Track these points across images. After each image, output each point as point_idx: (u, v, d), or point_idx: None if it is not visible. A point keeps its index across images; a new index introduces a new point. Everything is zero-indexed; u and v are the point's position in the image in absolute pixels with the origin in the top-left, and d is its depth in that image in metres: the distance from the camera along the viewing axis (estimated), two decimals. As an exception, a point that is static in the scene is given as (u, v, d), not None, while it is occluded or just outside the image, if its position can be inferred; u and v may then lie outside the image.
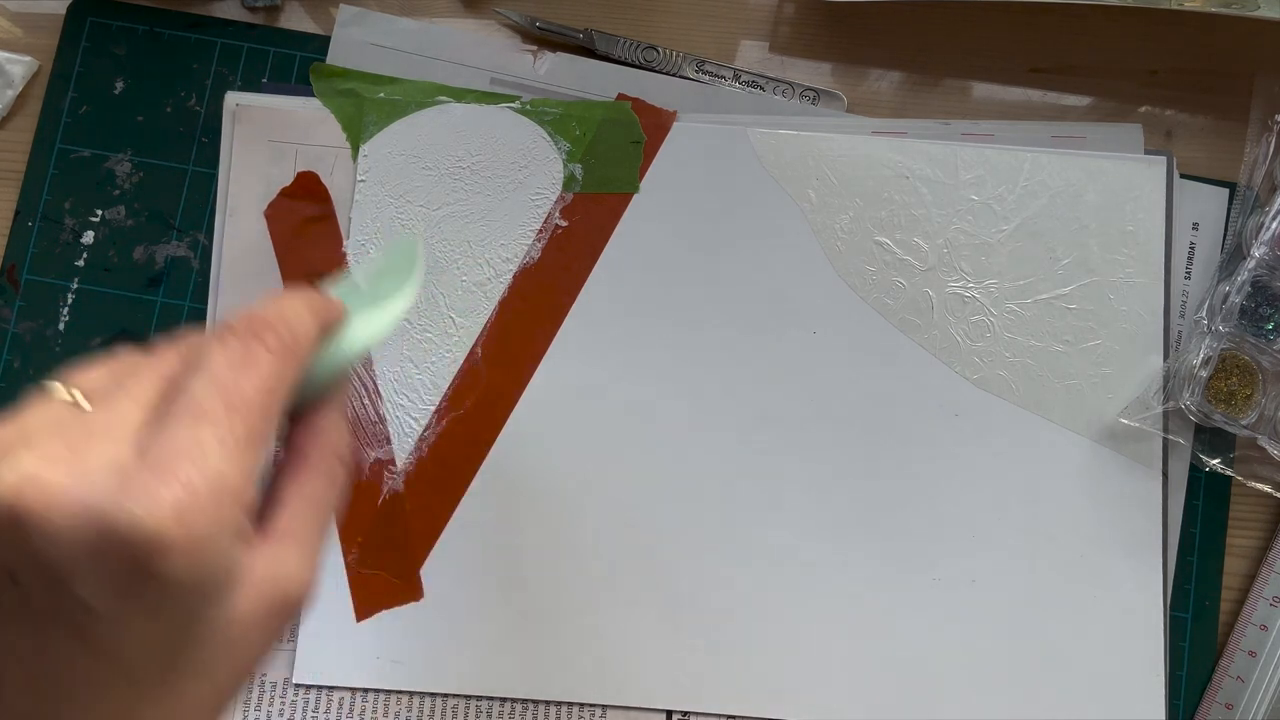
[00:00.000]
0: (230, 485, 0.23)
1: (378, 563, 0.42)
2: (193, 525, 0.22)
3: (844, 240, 0.44)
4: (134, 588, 0.22)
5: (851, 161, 0.44)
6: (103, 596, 0.22)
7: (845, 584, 0.43)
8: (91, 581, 0.22)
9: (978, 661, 0.42)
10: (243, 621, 0.24)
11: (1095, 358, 0.44)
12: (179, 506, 0.22)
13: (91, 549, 0.22)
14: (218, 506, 0.23)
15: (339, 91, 0.45)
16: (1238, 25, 0.47)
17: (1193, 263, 0.46)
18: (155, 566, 0.22)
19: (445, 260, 0.44)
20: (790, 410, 0.43)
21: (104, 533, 0.22)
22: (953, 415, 0.43)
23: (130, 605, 0.22)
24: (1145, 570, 0.43)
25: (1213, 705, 0.44)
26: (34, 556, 0.22)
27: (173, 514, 0.22)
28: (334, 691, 0.42)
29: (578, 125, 0.44)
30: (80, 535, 0.22)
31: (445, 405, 0.43)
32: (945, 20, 0.47)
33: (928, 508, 0.43)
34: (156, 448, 0.23)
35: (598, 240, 0.44)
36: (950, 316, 0.44)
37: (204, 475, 0.23)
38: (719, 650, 0.42)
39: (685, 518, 0.43)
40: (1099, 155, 0.45)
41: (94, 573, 0.22)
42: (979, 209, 0.44)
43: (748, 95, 0.46)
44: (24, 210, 0.45)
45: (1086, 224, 0.44)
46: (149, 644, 0.23)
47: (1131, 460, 0.43)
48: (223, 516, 0.23)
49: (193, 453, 0.23)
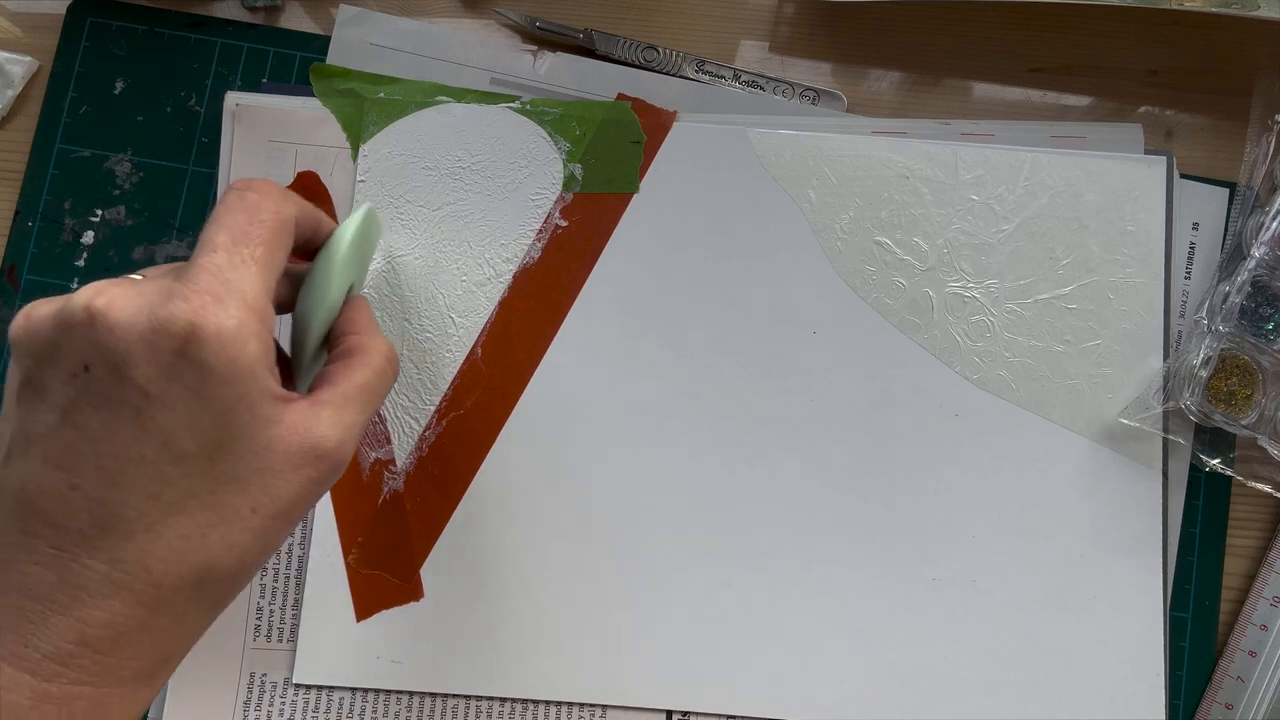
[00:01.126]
0: (246, 294, 0.29)
1: (378, 563, 0.42)
2: (219, 319, 0.28)
3: (844, 240, 0.44)
4: (177, 370, 0.28)
5: (851, 161, 0.44)
6: (154, 379, 0.28)
7: (845, 584, 0.43)
8: (144, 365, 0.28)
9: (977, 661, 0.42)
10: (275, 453, 0.29)
11: (1095, 358, 0.44)
12: (206, 304, 0.28)
13: (143, 338, 0.27)
14: (239, 307, 0.28)
15: (339, 91, 0.45)
16: (1238, 25, 0.47)
17: (1193, 263, 0.46)
18: (192, 351, 0.28)
19: (445, 260, 0.44)
20: (790, 410, 0.43)
21: (152, 323, 0.28)
22: (953, 415, 0.43)
23: (175, 388, 0.28)
24: (1145, 570, 0.43)
25: (1213, 705, 0.44)
26: (101, 347, 0.28)
27: (201, 308, 0.28)
28: (334, 691, 0.42)
29: (578, 125, 0.44)
30: (134, 327, 0.28)
31: (445, 405, 0.43)
32: (945, 20, 0.47)
33: (927, 508, 0.43)
34: (185, 273, 0.29)
35: (598, 240, 0.44)
36: (950, 316, 0.44)
37: (224, 285, 0.29)
38: (719, 650, 0.42)
39: (685, 517, 0.43)
40: (1099, 155, 0.45)
41: (146, 357, 0.27)
42: (979, 209, 0.44)
43: (748, 95, 0.46)
44: (24, 210, 0.45)
45: (1086, 224, 0.44)
46: (193, 429, 0.28)
47: (1131, 460, 0.43)
48: (243, 317, 0.28)
49: (212, 270, 0.29)
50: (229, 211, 0.31)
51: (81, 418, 0.28)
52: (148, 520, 0.28)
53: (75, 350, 0.28)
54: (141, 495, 0.28)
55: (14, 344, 0.29)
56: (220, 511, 0.29)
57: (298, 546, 0.43)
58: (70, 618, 0.28)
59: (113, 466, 0.28)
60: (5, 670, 0.27)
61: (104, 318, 0.28)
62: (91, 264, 0.45)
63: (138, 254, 0.45)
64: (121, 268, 0.45)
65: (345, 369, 0.33)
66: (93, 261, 0.45)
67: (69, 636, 0.28)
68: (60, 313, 0.29)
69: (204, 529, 0.29)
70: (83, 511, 0.28)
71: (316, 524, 0.42)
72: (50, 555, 0.28)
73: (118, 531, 0.28)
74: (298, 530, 0.43)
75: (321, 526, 0.42)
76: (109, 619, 0.28)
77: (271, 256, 0.31)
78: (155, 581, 0.28)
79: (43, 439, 0.28)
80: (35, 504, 0.28)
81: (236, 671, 0.42)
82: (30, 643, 0.28)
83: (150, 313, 0.28)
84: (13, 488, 0.28)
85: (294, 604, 0.42)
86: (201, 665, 0.42)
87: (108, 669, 0.28)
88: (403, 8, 0.47)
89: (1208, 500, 0.45)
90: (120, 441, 0.28)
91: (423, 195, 0.44)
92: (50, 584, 0.28)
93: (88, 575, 0.28)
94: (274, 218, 0.31)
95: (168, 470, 0.28)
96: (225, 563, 0.29)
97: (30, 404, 0.29)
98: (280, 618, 0.42)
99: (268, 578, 0.43)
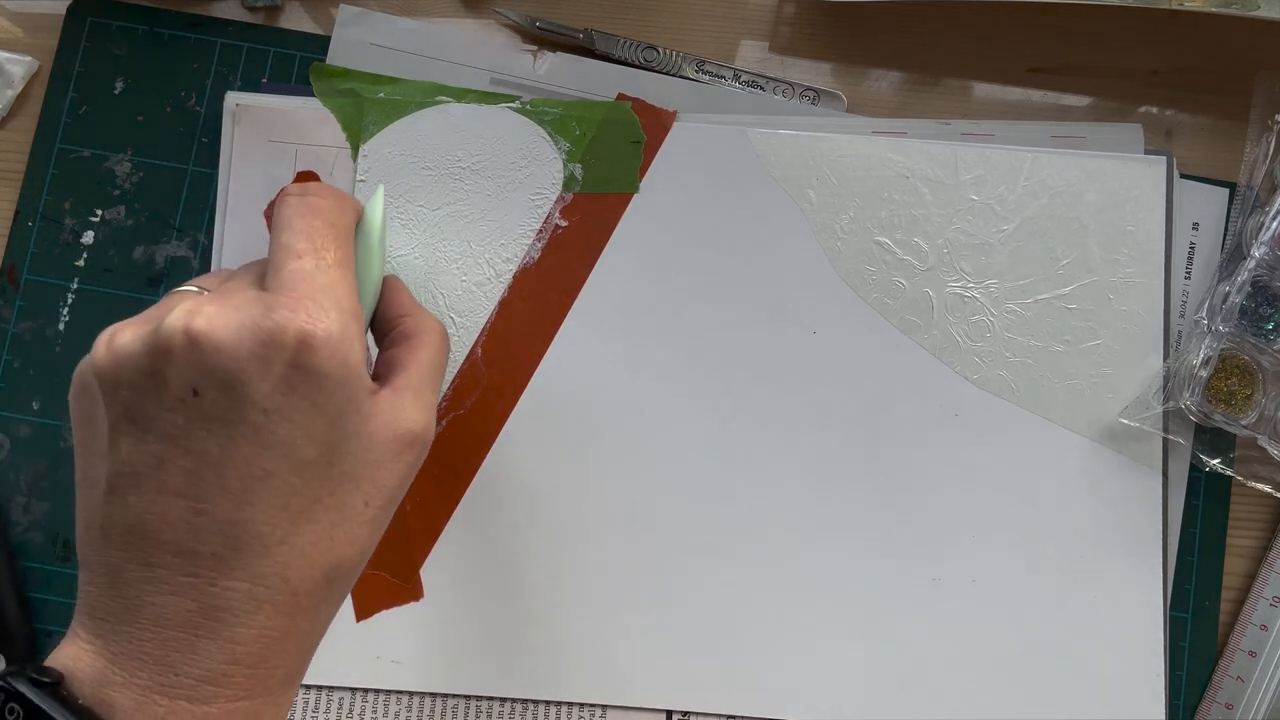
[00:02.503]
0: (339, 296, 0.29)
1: (378, 563, 0.42)
2: (326, 324, 0.28)
3: (844, 240, 0.44)
4: (292, 381, 0.28)
5: (851, 161, 0.44)
6: (271, 394, 0.27)
7: (845, 583, 0.43)
8: (260, 381, 0.27)
9: (977, 661, 0.42)
10: (376, 444, 0.30)
11: (1095, 358, 0.44)
12: (310, 312, 0.28)
13: (253, 354, 0.27)
14: (339, 310, 0.29)
15: (339, 91, 0.45)
16: (1238, 25, 0.47)
17: (1193, 263, 0.46)
18: (306, 360, 0.28)
19: (445, 260, 0.44)
20: (790, 410, 0.43)
21: (260, 338, 0.27)
22: (953, 415, 0.43)
23: (293, 400, 0.28)
24: (1145, 570, 0.43)
25: (1213, 705, 0.44)
26: (210, 370, 0.27)
27: (307, 317, 0.28)
28: (334, 691, 0.42)
29: (578, 125, 0.44)
30: (244, 345, 0.27)
31: (445, 405, 0.43)
32: (944, 20, 0.47)
33: (928, 508, 0.43)
34: (275, 283, 0.29)
35: (598, 240, 0.44)
36: (950, 316, 0.44)
37: (319, 290, 0.29)
38: (719, 650, 0.42)
39: (685, 518, 0.43)
40: (1099, 155, 0.45)
41: (260, 373, 0.27)
42: (979, 209, 0.44)
43: (748, 95, 0.46)
44: (24, 210, 0.45)
45: (1086, 224, 0.44)
46: (312, 436, 0.28)
47: (1131, 460, 0.43)
48: (345, 319, 0.29)
49: (304, 277, 0.29)
50: (299, 217, 0.31)
51: (197, 443, 0.28)
52: (280, 533, 0.28)
53: (180, 376, 0.28)
54: (272, 509, 0.28)
55: (101, 377, 0.29)
56: (341, 511, 0.29)
57: (298, 546, 0.43)
58: (218, 640, 0.28)
59: (239, 486, 0.28)
60: (160, 702, 0.27)
61: (208, 339, 0.27)
62: (91, 264, 0.45)
63: (138, 254, 0.45)
64: (121, 268, 0.45)
65: (410, 351, 0.33)
66: (93, 261, 0.45)
67: (220, 658, 0.28)
68: (153, 338, 0.28)
69: (329, 530, 0.29)
70: (213, 535, 0.28)
71: (316, 524, 0.42)
72: (185, 584, 0.28)
73: (253, 549, 0.28)
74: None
75: (321, 526, 0.42)
76: (256, 634, 0.28)
77: (349, 256, 0.31)
78: (293, 590, 0.29)
79: (155, 470, 0.28)
80: (159, 535, 0.28)
81: (236, 671, 0.42)
82: (180, 670, 0.27)
83: (255, 328, 0.27)
84: (127, 522, 0.28)
85: (294, 604, 0.42)
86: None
87: (258, 680, 0.29)
88: (403, 7, 0.47)
89: (1208, 500, 0.45)
90: (242, 460, 0.28)
91: (423, 195, 0.44)
92: (191, 611, 0.28)
93: (230, 597, 0.28)
94: (341, 218, 0.32)
95: (293, 480, 0.28)
96: (349, 557, 0.30)
97: (134, 436, 0.28)
98: (280, 618, 0.42)
99: (268, 578, 0.43)
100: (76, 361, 0.30)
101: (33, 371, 0.44)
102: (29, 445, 0.44)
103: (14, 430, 0.44)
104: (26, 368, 0.44)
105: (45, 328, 0.44)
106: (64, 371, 0.44)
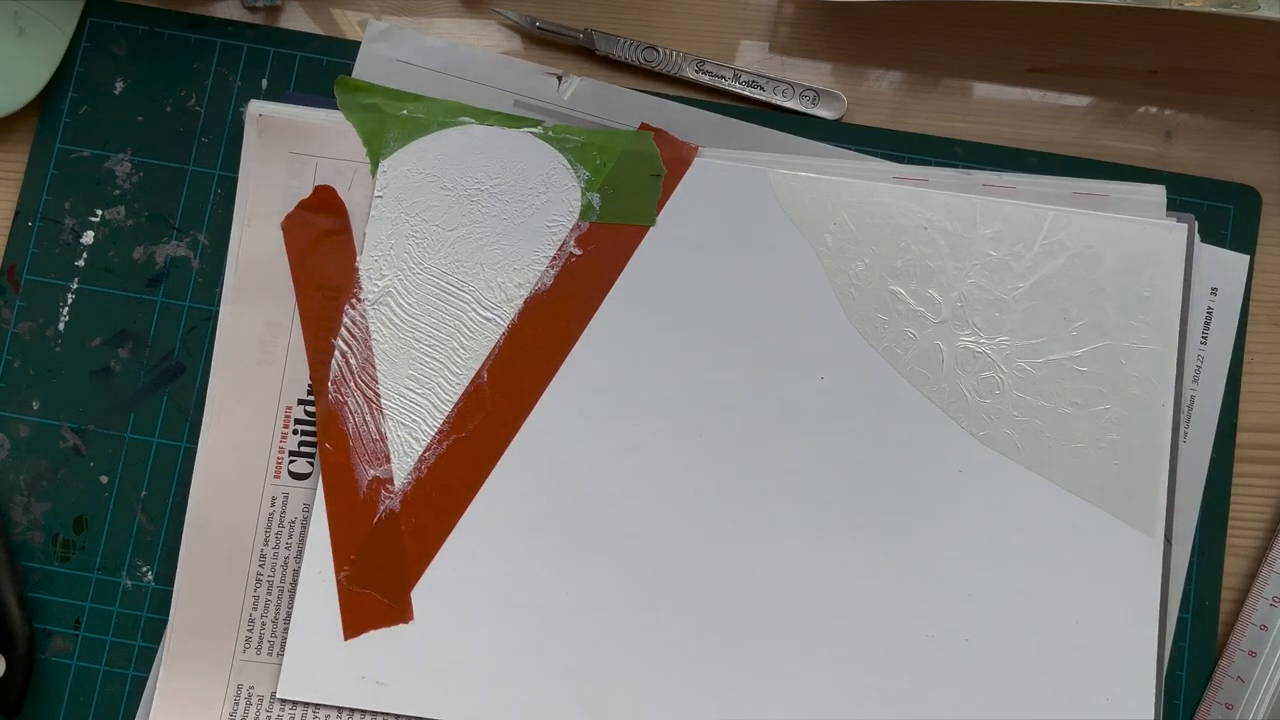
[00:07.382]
0: None
1: (369, 582, 0.42)
2: None
3: (858, 287, 0.44)
4: None
5: (870, 208, 0.44)
6: None
7: (838, 635, 0.42)
8: None
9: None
10: None
11: (1103, 422, 0.43)
12: None
13: None
14: None
15: (363, 106, 0.45)
16: (1238, 25, 0.47)
17: (1209, 329, 0.46)
18: None
19: (457, 282, 0.44)
20: (793, 455, 0.43)
21: None
22: (956, 471, 0.43)
23: None
24: (1141, 644, 0.42)
25: (1213, 705, 0.44)
26: None
27: None
28: (319, 709, 0.42)
29: (599, 154, 0.44)
30: None
31: (447, 427, 0.43)
32: (945, 20, 0.47)
33: (925, 562, 0.43)
34: None
35: (611, 271, 0.44)
36: (960, 371, 0.44)
37: None
38: (710, 693, 0.42)
39: (681, 558, 0.43)
40: (1120, 218, 0.44)
41: None
42: (996, 264, 0.44)
43: (771, 133, 0.46)
44: (24, 210, 0.45)
45: (1103, 286, 0.44)
46: None
47: (1134, 529, 0.43)
48: None
49: None
50: None
51: None
52: None
53: None
54: None
55: None
56: None
57: (293, 560, 0.43)
58: None
59: None
60: None
61: None
62: (91, 264, 0.45)
63: (138, 254, 0.45)
64: (121, 268, 0.45)
65: None
66: (93, 261, 0.45)
67: None
68: None
69: None
70: None
71: (311, 538, 0.42)
72: None
73: None
74: (293, 543, 0.43)
75: (315, 541, 0.42)
76: None
77: None
78: None
79: None
80: None
81: (224, 682, 0.42)
82: None
83: None
84: None
85: (285, 617, 0.42)
86: (190, 673, 0.42)
87: None
88: (403, 7, 0.47)
89: (1208, 500, 0.45)
90: None
91: (439, 215, 0.44)
92: None
93: None
94: None
95: None
96: None
97: None
98: (271, 630, 0.42)
99: (261, 589, 0.43)
100: (76, 361, 0.30)
101: (33, 371, 0.44)
102: (29, 445, 0.44)
103: (14, 430, 0.44)
104: (26, 368, 0.44)
105: (45, 328, 0.44)
106: (64, 371, 0.44)
